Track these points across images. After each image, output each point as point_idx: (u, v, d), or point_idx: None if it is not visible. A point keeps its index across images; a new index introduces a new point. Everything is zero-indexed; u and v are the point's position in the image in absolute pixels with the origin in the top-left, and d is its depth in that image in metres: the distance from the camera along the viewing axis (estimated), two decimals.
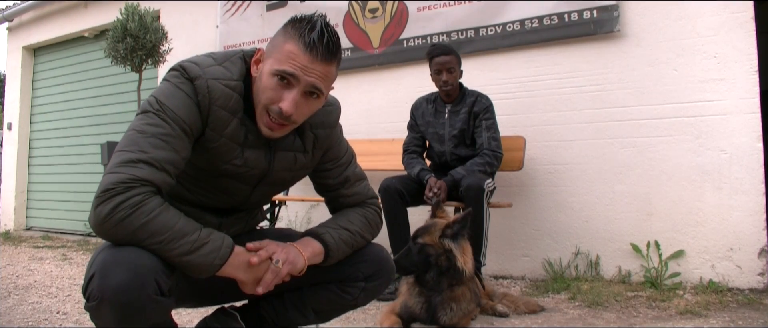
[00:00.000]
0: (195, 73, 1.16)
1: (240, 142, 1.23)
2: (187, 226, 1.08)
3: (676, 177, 2.99)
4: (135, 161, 1.06)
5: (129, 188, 1.03)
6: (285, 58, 1.15)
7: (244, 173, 1.27)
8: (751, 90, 2.82)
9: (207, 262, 1.09)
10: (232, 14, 4.84)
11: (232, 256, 1.13)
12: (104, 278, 1.00)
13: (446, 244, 2.09)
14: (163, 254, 1.05)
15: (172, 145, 1.11)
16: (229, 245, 1.13)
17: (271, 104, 1.17)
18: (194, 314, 2.38)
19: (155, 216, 1.04)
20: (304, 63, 1.15)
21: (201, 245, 1.08)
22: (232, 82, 1.19)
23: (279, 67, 1.15)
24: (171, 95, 1.15)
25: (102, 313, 1.02)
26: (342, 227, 1.36)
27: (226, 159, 1.23)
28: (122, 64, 4.45)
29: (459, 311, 2.13)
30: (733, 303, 2.55)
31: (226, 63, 1.21)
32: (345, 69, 4.16)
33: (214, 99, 1.16)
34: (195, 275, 1.10)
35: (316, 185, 1.49)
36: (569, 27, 3.29)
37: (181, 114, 1.13)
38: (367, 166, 3.62)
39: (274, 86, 1.16)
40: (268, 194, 1.43)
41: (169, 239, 1.05)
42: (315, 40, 1.14)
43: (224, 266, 1.12)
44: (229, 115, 1.19)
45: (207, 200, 1.31)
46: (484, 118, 2.94)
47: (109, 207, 1.01)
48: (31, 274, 3.62)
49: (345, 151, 1.46)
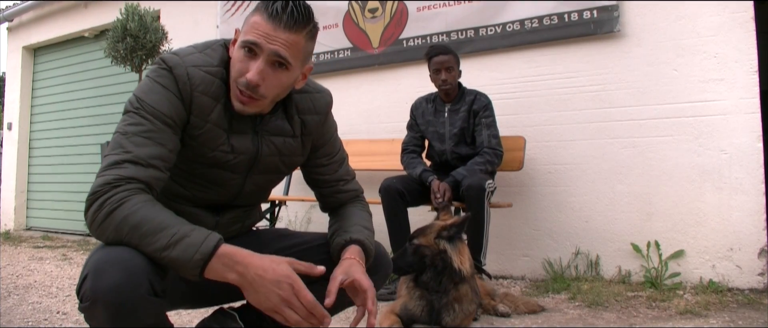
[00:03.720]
0: (173, 63, 1.17)
1: (225, 128, 1.23)
2: (168, 220, 1.04)
3: (676, 177, 2.99)
4: (120, 163, 1.07)
5: (114, 187, 1.04)
6: (250, 28, 1.16)
7: (232, 160, 1.27)
8: (751, 90, 2.82)
9: (185, 257, 1.00)
10: (232, 14, 4.84)
11: (217, 253, 1.03)
12: (97, 278, 1.00)
13: (441, 245, 2.09)
14: (143, 249, 1.02)
15: (156, 139, 1.12)
16: (213, 240, 1.03)
17: (239, 77, 1.17)
18: (194, 314, 2.38)
19: (137, 210, 1.03)
20: (266, 31, 1.15)
21: (180, 239, 1.01)
22: (212, 69, 1.20)
23: (244, 38, 1.17)
24: (149, 90, 1.16)
25: (95, 313, 1.01)
26: (365, 227, 1.39)
27: (213, 146, 1.23)
28: (122, 64, 4.45)
29: (461, 313, 2.13)
30: (733, 303, 2.55)
31: (206, 50, 1.23)
32: (345, 69, 4.17)
33: (195, 85, 1.17)
34: (182, 274, 1.05)
35: (309, 179, 1.49)
36: (569, 27, 3.29)
37: (161, 108, 1.14)
38: (367, 166, 3.66)
39: (241, 58, 1.17)
40: (262, 185, 1.41)
41: (148, 233, 1.02)
42: (278, 10, 1.14)
43: (209, 264, 1.02)
44: (212, 100, 1.19)
45: (201, 194, 1.31)
46: (484, 116, 2.96)
47: (96, 206, 1.03)
48: (31, 274, 3.62)
49: (339, 150, 1.47)
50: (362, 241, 1.32)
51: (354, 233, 1.34)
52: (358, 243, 1.31)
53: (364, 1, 4.13)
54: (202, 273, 1.03)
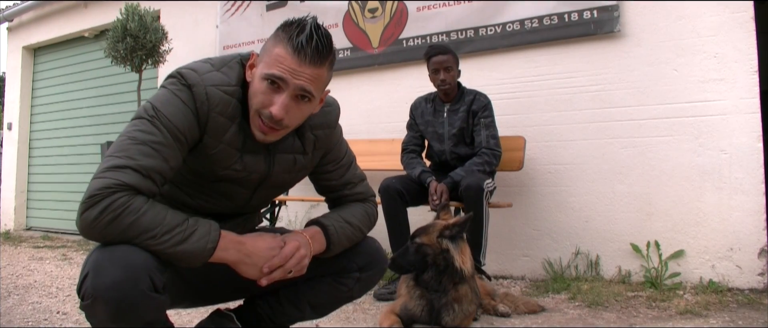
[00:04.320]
0: (193, 81, 1.16)
1: (239, 148, 1.23)
2: (174, 218, 1.09)
3: (676, 177, 2.99)
4: (122, 167, 1.07)
5: (113, 192, 1.04)
6: (274, 62, 1.15)
7: (243, 178, 1.27)
8: (751, 90, 2.82)
9: (200, 247, 1.09)
10: (232, 14, 4.84)
11: (221, 239, 1.14)
12: (97, 276, 1.01)
13: (444, 244, 2.09)
14: (155, 249, 1.05)
15: (162, 154, 1.11)
16: (216, 228, 1.14)
17: (262, 108, 1.17)
18: (194, 314, 2.38)
19: (143, 213, 1.05)
20: (292, 66, 1.14)
21: (191, 233, 1.09)
22: (230, 88, 1.19)
23: (268, 71, 1.15)
24: (167, 102, 1.14)
25: (96, 311, 1.02)
26: (345, 220, 1.37)
27: (225, 165, 1.23)
28: (122, 64, 4.45)
29: (461, 313, 2.13)
30: (733, 303, 2.55)
31: (223, 69, 1.21)
32: (345, 69, 4.17)
33: (213, 106, 1.16)
34: (189, 264, 1.10)
35: (318, 186, 1.49)
36: (569, 27, 3.29)
37: (176, 122, 1.13)
38: (367, 166, 3.63)
39: (265, 90, 1.16)
40: (268, 197, 1.43)
41: (161, 233, 1.05)
42: (303, 43, 1.14)
43: (216, 250, 1.12)
44: (228, 121, 1.19)
45: (207, 204, 1.32)
46: (483, 116, 2.95)
47: (96, 211, 1.02)
48: (31, 274, 3.62)
49: (345, 153, 1.46)
50: (325, 225, 1.33)
51: (325, 218, 1.36)
52: (321, 226, 1.33)
53: (363, 1, 4.13)
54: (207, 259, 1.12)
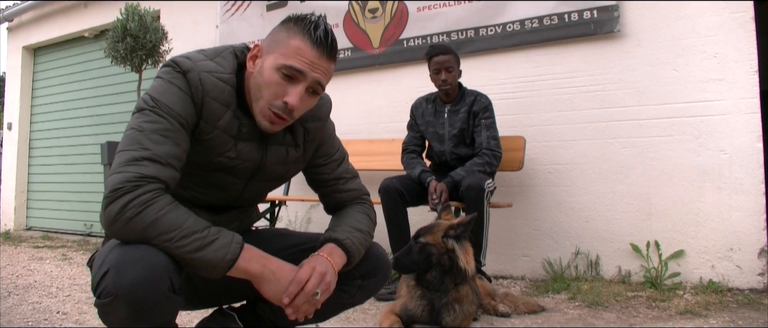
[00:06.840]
0: (187, 66, 1.17)
1: (233, 135, 1.23)
2: (196, 223, 1.08)
3: (676, 177, 2.99)
4: (139, 159, 1.07)
5: (136, 186, 1.04)
6: (292, 53, 1.17)
7: (237, 166, 1.27)
8: (751, 90, 2.82)
9: (218, 257, 1.08)
10: (232, 14, 4.84)
11: (245, 250, 1.12)
12: (119, 274, 1.00)
13: (449, 243, 2.09)
14: (172, 252, 1.05)
15: (173, 139, 1.12)
16: (239, 241, 1.12)
17: (274, 99, 1.18)
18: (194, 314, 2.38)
19: (165, 213, 1.05)
20: (311, 59, 1.17)
21: (211, 241, 1.08)
22: (224, 75, 1.20)
23: (286, 62, 1.16)
24: (165, 91, 1.15)
25: (115, 309, 1.02)
26: (355, 229, 1.35)
27: (219, 151, 1.23)
28: (122, 64, 4.45)
29: (461, 313, 2.13)
30: (733, 303, 2.55)
31: (216, 58, 1.23)
32: (345, 69, 4.17)
33: (207, 91, 1.17)
34: (205, 274, 1.09)
35: (310, 180, 1.49)
36: (569, 27, 3.29)
37: (177, 108, 1.14)
38: (367, 166, 3.66)
39: (279, 81, 1.18)
40: (261, 190, 1.43)
41: (179, 236, 1.05)
42: (322, 37, 1.16)
43: (236, 262, 1.10)
44: (223, 107, 1.20)
45: (201, 195, 1.31)
46: (484, 117, 2.95)
47: (119, 206, 1.02)
48: (31, 274, 3.62)
49: (337, 148, 1.46)
50: (341, 240, 1.30)
51: (337, 232, 1.33)
52: (336, 241, 1.29)
53: (364, 1, 4.13)
54: (226, 271, 1.11)
